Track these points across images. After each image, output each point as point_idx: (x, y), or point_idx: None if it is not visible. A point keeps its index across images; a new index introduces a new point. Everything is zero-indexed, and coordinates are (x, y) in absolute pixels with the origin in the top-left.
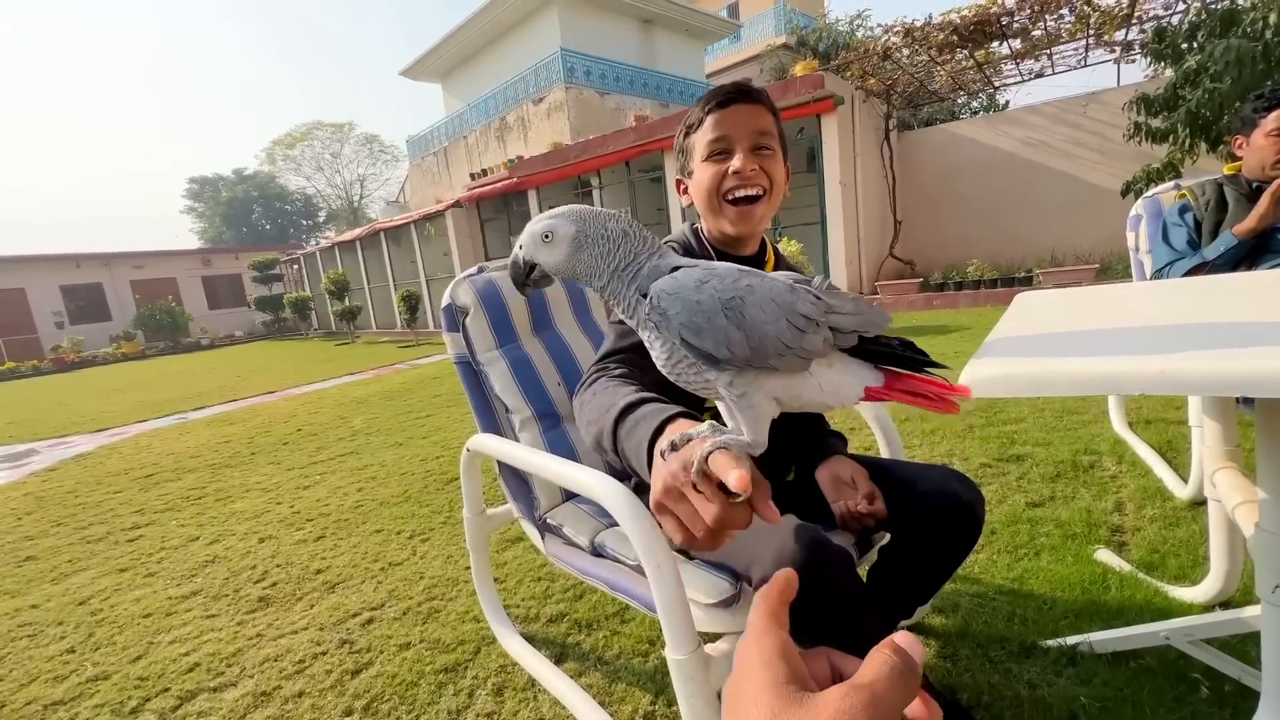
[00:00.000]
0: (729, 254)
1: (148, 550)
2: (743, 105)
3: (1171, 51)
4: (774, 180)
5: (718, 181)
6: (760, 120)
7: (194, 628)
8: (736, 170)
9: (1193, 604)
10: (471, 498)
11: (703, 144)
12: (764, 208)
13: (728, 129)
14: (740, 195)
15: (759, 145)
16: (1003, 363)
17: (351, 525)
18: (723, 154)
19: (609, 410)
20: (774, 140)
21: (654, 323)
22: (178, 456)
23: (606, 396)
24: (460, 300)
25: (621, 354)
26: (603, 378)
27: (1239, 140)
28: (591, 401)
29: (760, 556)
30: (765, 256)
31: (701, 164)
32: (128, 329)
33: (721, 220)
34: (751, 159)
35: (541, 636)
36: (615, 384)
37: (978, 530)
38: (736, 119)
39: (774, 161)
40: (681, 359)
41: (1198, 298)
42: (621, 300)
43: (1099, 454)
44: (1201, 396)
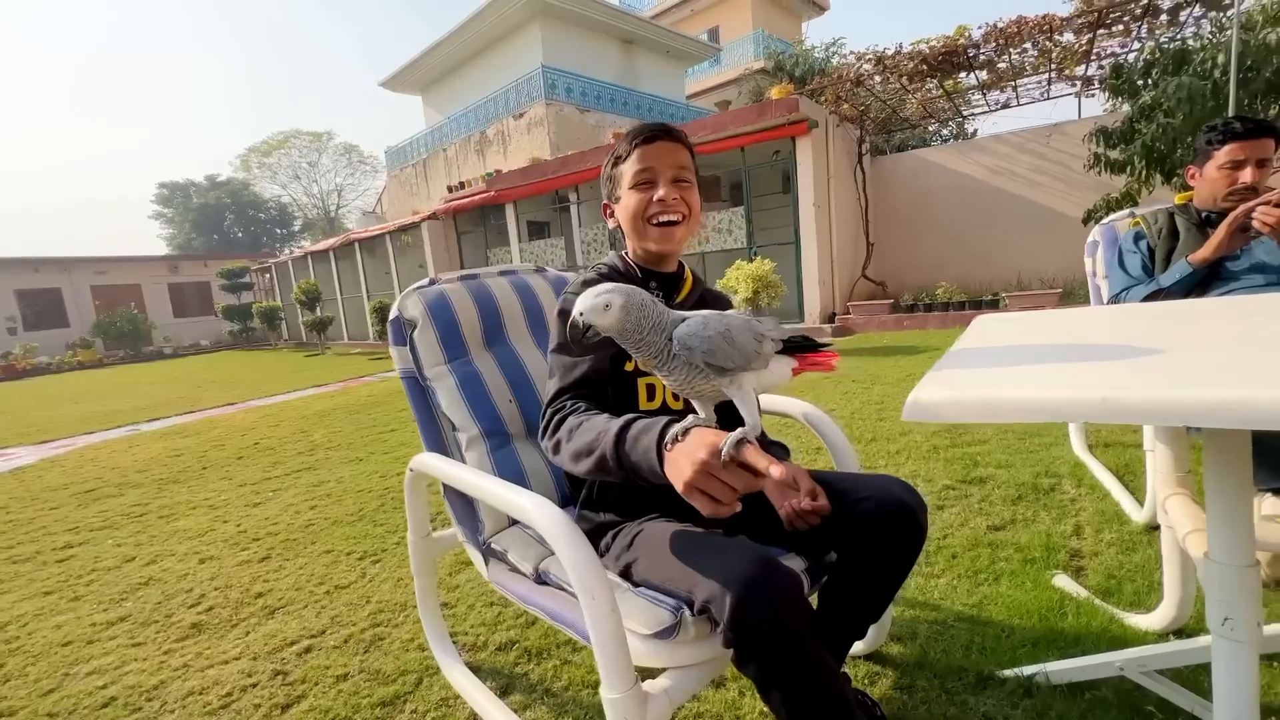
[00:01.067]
0: (652, 271)
1: (78, 572)
2: (665, 142)
3: (1128, 87)
4: (691, 208)
5: (643, 207)
6: (680, 156)
7: (116, 657)
8: (661, 198)
9: (1147, 632)
10: (416, 520)
11: (630, 174)
12: (683, 230)
13: (652, 162)
14: (664, 220)
15: (679, 178)
16: (952, 387)
17: (300, 545)
18: (647, 184)
19: (602, 435)
20: (691, 174)
21: (683, 357)
22: (123, 470)
23: (590, 428)
24: (408, 313)
25: (573, 390)
26: (571, 415)
27: (1192, 170)
28: (575, 437)
29: (706, 579)
30: (683, 275)
31: (628, 191)
32: (85, 336)
33: (647, 241)
34: (673, 189)
35: (489, 666)
36: (589, 417)
37: (921, 535)
38: (660, 154)
39: (691, 192)
40: (699, 375)
41: (1149, 324)
42: (652, 346)
43: (1059, 477)
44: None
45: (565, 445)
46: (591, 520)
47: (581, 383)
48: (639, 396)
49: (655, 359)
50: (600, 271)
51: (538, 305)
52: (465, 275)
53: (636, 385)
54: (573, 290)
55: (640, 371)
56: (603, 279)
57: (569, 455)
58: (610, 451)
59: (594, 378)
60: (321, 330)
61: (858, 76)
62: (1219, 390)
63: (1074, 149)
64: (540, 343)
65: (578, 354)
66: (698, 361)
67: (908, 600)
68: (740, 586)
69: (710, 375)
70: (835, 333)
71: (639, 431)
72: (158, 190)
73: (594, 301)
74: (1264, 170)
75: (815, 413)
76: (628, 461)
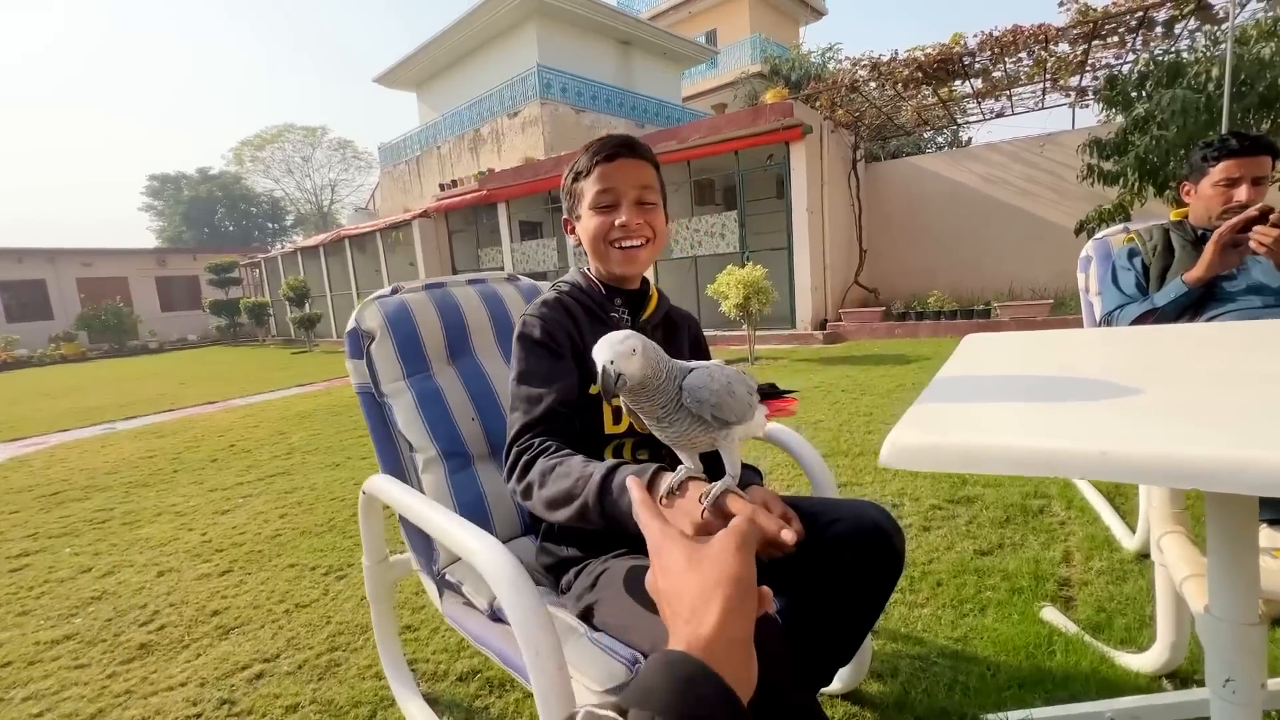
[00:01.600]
0: (616, 289)
1: (29, 583)
2: (628, 160)
3: (1122, 99)
4: (656, 230)
5: (605, 230)
6: (643, 175)
7: (56, 680)
8: (623, 224)
9: (1139, 674)
10: (371, 544)
11: (591, 193)
12: (648, 252)
13: (614, 182)
14: (626, 245)
15: (642, 199)
16: (932, 430)
17: (264, 558)
18: (609, 207)
19: (581, 481)
20: (655, 194)
21: (693, 409)
22: (91, 472)
23: (565, 474)
24: (365, 324)
25: (539, 425)
26: (541, 457)
27: (1187, 187)
28: (550, 483)
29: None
30: (649, 293)
31: (589, 212)
32: (69, 329)
33: (610, 264)
34: (636, 213)
35: (448, 698)
36: (563, 459)
37: (897, 563)
38: (622, 173)
39: (655, 213)
40: (699, 427)
41: (1145, 353)
42: (664, 394)
43: (1049, 498)
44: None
45: (538, 491)
46: (553, 554)
47: (548, 417)
48: (605, 420)
49: (663, 409)
50: (561, 290)
51: (507, 316)
52: (430, 284)
53: (602, 408)
54: (532, 313)
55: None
56: (563, 297)
57: (542, 502)
58: (594, 501)
59: (560, 410)
60: (309, 327)
61: (853, 82)
62: (1230, 450)
63: (1067, 159)
64: (508, 356)
65: (610, 404)
66: (706, 415)
67: (889, 632)
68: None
69: (712, 428)
70: (826, 340)
71: (623, 482)
72: (148, 182)
73: (621, 347)
74: (1260, 188)
75: (792, 436)
76: (613, 512)
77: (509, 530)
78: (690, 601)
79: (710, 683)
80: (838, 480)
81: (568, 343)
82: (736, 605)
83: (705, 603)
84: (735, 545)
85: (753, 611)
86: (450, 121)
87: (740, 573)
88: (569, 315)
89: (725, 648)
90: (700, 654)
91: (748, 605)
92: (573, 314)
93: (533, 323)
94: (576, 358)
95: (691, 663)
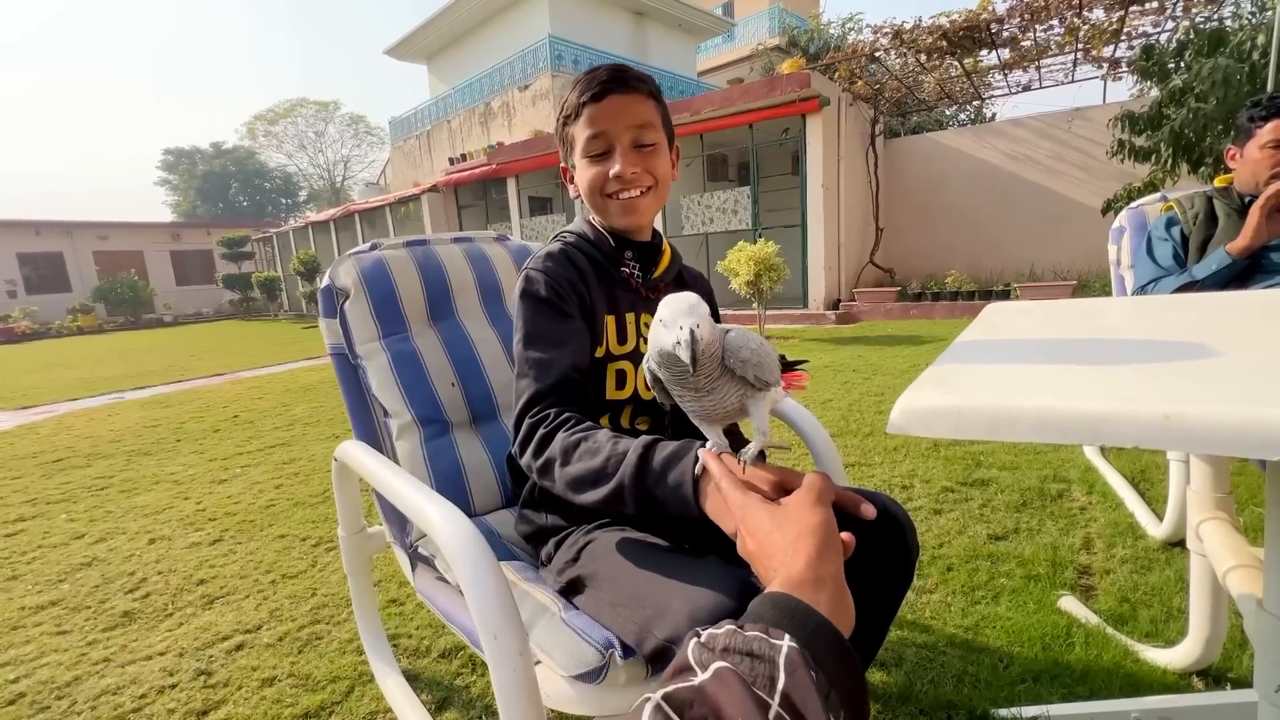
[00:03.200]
0: (626, 240)
1: (22, 548)
2: (619, 96)
3: (1158, 70)
4: (658, 176)
5: (600, 182)
6: (640, 111)
7: (36, 647)
8: (618, 174)
9: (1167, 670)
10: (346, 514)
11: (581, 139)
12: (650, 199)
13: (605, 125)
14: (624, 197)
15: (640, 141)
16: (953, 391)
17: (256, 528)
18: (602, 154)
19: (612, 460)
20: (656, 132)
21: (734, 368)
22: (95, 440)
23: (593, 450)
24: (340, 281)
25: (553, 394)
26: (561, 430)
27: (1232, 151)
28: (575, 460)
29: (669, 608)
30: (660, 246)
31: (582, 161)
32: (86, 301)
33: (610, 216)
34: (632, 159)
35: (428, 675)
36: (588, 435)
37: (909, 561)
38: (613, 113)
39: (655, 156)
40: (736, 392)
41: (1193, 318)
42: (713, 359)
43: (1068, 481)
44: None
45: (560, 469)
46: (532, 522)
47: (562, 384)
48: (608, 383)
49: (706, 376)
50: (566, 241)
51: (494, 278)
52: (412, 241)
53: (606, 371)
54: (536, 268)
55: (611, 356)
56: (568, 249)
57: (566, 482)
58: (631, 482)
59: (574, 375)
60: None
61: (873, 52)
62: None
63: (1097, 135)
64: (494, 319)
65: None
66: (749, 375)
67: (896, 619)
68: (707, 618)
69: (747, 392)
70: (839, 320)
71: (665, 461)
72: (163, 156)
73: (701, 309)
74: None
75: (803, 414)
76: (653, 495)
77: (489, 502)
78: (780, 554)
79: (806, 611)
80: (845, 461)
81: (575, 300)
82: (823, 549)
83: (794, 551)
84: (813, 500)
85: (838, 554)
86: (461, 95)
87: (820, 522)
88: (576, 269)
89: (815, 583)
90: (795, 591)
91: (832, 549)
92: (579, 268)
93: (537, 278)
94: (585, 316)
95: (789, 597)
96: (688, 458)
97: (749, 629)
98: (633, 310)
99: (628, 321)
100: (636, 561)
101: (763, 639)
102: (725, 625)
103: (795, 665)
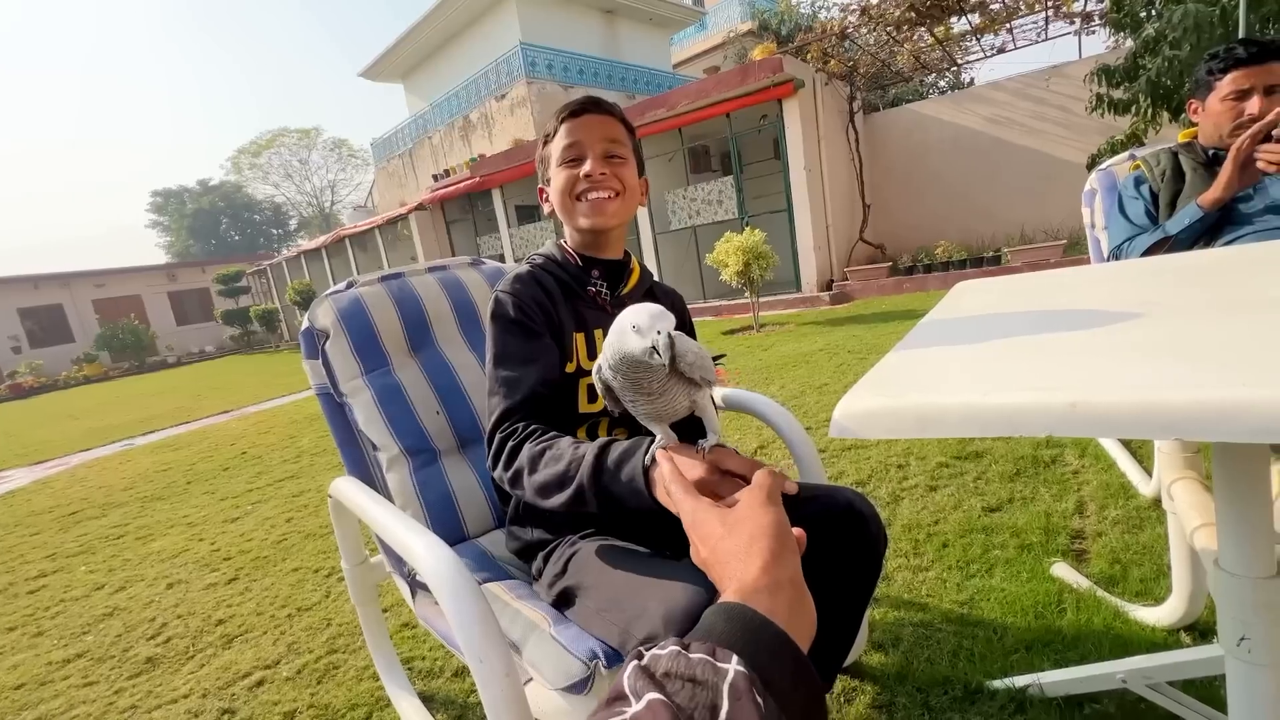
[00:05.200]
0: (594, 259)
1: (45, 604)
2: (594, 115)
3: (1130, 20)
4: (626, 184)
5: (571, 184)
6: (611, 129)
7: (65, 700)
8: (588, 174)
9: (1155, 628)
10: (347, 547)
11: (558, 151)
12: (617, 204)
13: (579, 136)
14: (592, 197)
15: (610, 153)
16: (888, 392)
17: (270, 564)
18: (575, 160)
19: (574, 464)
20: (625, 149)
21: (683, 370)
22: (109, 490)
23: (556, 457)
24: (319, 322)
25: (522, 409)
26: (528, 442)
27: (1194, 104)
28: (541, 469)
29: (645, 610)
30: (629, 264)
31: (556, 169)
32: (89, 350)
33: (576, 218)
34: (602, 164)
35: (443, 695)
36: (551, 443)
37: (874, 552)
38: (588, 128)
39: (625, 167)
40: (683, 391)
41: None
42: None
43: (1062, 447)
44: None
45: (528, 478)
46: (520, 538)
47: (530, 400)
48: (579, 398)
49: (659, 381)
50: (535, 263)
51: (469, 302)
52: (388, 275)
53: (577, 386)
54: (505, 290)
55: (582, 371)
56: (536, 271)
57: (534, 488)
58: (589, 481)
59: (543, 391)
60: None
61: (843, 29)
62: (1223, 391)
63: (1075, 91)
64: (473, 344)
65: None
66: (696, 376)
67: (892, 600)
68: (682, 620)
69: (693, 390)
70: (833, 300)
71: (619, 458)
72: (151, 199)
73: (667, 316)
74: (1273, 99)
75: (772, 407)
76: (610, 492)
77: (482, 524)
78: (733, 560)
79: (760, 623)
80: (842, 445)
81: (543, 318)
82: (778, 550)
83: (747, 556)
84: (762, 500)
85: (794, 554)
86: (439, 110)
87: (771, 522)
88: (543, 289)
89: (771, 589)
90: (748, 600)
91: (788, 549)
92: (547, 288)
93: (506, 300)
94: (554, 334)
95: (742, 608)
96: (638, 454)
97: (694, 650)
98: (600, 327)
99: (596, 338)
100: (617, 567)
101: (707, 662)
102: (670, 645)
103: (740, 692)
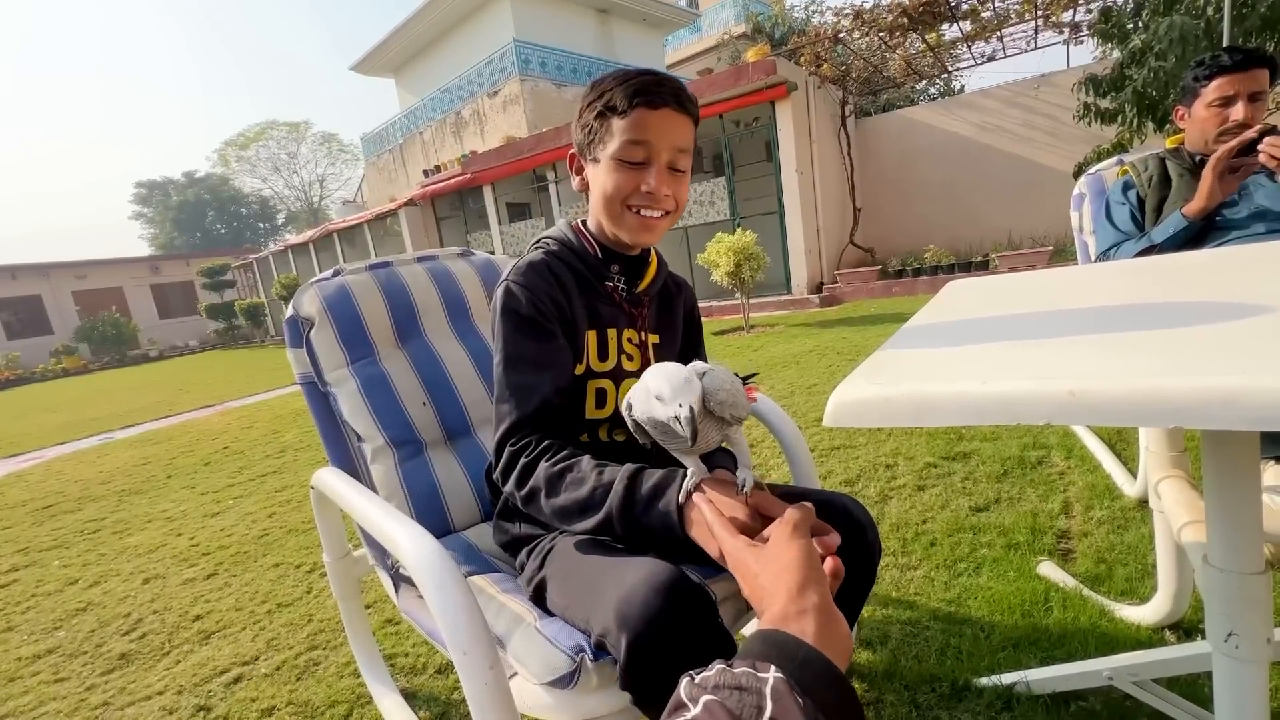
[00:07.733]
0: (613, 252)
1: (16, 598)
2: (674, 112)
3: (1117, 31)
4: (679, 202)
5: (627, 192)
6: (684, 134)
7: (34, 696)
8: (650, 191)
9: (1140, 626)
10: (330, 540)
11: (620, 140)
12: (666, 222)
13: (650, 136)
14: (645, 214)
15: (675, 165)
16: (883, 381)
17: (250, 559)
18: (639, 164)
19: (600, 490)
20: (688, 159)
21: (714, 410)
22: (85, 483)
23: (579, 480)
24: (304, 310)
25: (534, 420)
26: (544, 460)
27: (1180, 111)
28: (562, 491)
29: (602, 606)
30: (649, 258)
31: (612, 161)
32: (68, 343)
33: (620, 228)
34: (667, 180)
35: (425, 692)
36: (572, 463)
37: (869, 560)
38: (661, 128)
39: (683, 183)
40: (715, 429)
41: (1135, 284)
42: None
43: (1048, 448)
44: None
45: (546, 500)
46: (507, 532)
47: (543, 410)
48: (588, 403)
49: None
50: (549, 249)
51: (459, 294)
52: (375, 264)
53: (586, 389)
54: (516, 281)
55: (592, 373)
56: (550, 259)
57: (553, 511)
58: (619, 513)
59: (556, 400)
60: None
61: (836, 34)
62: (1219, 379)
63: (1063, 100)
64: (462, 335)
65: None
66: (726, 415)
67: (880, 598)
68: (636, 614)
69: (725, 427)
70: (823, 303)
71: (651, 492)
72: (135, 190)
73: (690, 388)
74: (1258, 105)
75: (772, 409)
76: (640, 524)
77: (468, 518)
78: (765, 594)
79: (793, 644)
80: (830, 444)
81: (556, 316)
82: (804, 582)
83: (775, 589)
84: (789, 534)
85: (822, 583)
86: (431, 106)
87: (797, 555)
88: (557, 281)
89: (799, 616)
90: (780, 626)
91: (815, 580)
92: (561, 281)
93: (518, 293)
94: (567, 332)
95: (775, 632)
96: (672, 488)
97: (737, 665)
98: (614, 326)
99: (609, 337)
100: (585, 562)
101: (750, 673)
102: (716, 665)
103: (781, 694)
